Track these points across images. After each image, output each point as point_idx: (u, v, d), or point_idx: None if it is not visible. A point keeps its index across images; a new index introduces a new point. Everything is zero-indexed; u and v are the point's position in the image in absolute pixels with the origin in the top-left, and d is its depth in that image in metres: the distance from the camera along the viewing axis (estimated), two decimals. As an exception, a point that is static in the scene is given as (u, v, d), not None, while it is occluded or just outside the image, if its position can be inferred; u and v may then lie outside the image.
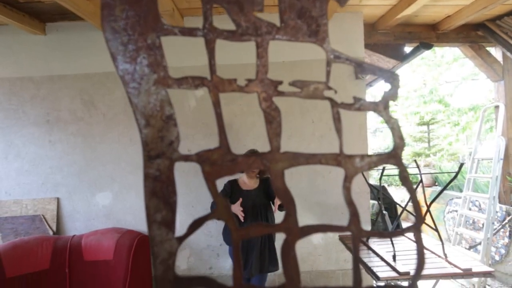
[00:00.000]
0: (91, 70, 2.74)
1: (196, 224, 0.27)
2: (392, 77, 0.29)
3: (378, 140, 11.43)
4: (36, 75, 2.75)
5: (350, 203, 0.28)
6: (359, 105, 0.27)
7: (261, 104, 0.29)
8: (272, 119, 0.29)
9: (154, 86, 0.29)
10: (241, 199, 1.98)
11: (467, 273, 1.76)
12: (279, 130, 0.29)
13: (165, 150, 0.28)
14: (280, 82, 0.30)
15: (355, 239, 0.29)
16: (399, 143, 0.26)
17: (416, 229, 0.28)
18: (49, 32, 2.74)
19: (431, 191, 4.49)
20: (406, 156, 7.75)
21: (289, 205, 0.29)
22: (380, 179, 1.86)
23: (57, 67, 2.74)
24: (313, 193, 2.58)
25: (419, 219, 0.29)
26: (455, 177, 1.68)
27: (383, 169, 1.86)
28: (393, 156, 0.26)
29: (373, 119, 12.91)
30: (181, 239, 0.27)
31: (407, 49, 3.20)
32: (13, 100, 2.75)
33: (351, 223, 0.29)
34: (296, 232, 0.28)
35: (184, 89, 0.30)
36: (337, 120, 0.28)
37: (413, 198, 0.28)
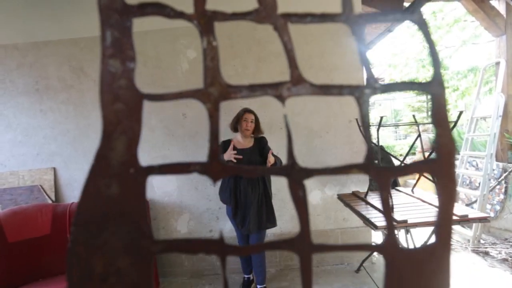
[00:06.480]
0: (77, 35, 2.62)
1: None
2: None
3: (377, 112, 11.34)
4: (20, 42, 2.63)
5: None
6: None
7: None
8: None
9: None
10: (233, 143, 2.04)
11: (463, 219, 1.78)
12: None
13: None
14: None
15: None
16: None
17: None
18: (29, -6, 2.59)
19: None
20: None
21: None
22: (378, 130, 1.83)
23: (40, 32, 2.61)
24: (310, 154, 2.56)
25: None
26: (455, 124, 1.65)
27: (380, 120, 1.83)
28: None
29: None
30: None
31: (407, 4, 3.06)
32: (-1, 69, 2.65)
33: None
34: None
35: None
36: None
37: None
